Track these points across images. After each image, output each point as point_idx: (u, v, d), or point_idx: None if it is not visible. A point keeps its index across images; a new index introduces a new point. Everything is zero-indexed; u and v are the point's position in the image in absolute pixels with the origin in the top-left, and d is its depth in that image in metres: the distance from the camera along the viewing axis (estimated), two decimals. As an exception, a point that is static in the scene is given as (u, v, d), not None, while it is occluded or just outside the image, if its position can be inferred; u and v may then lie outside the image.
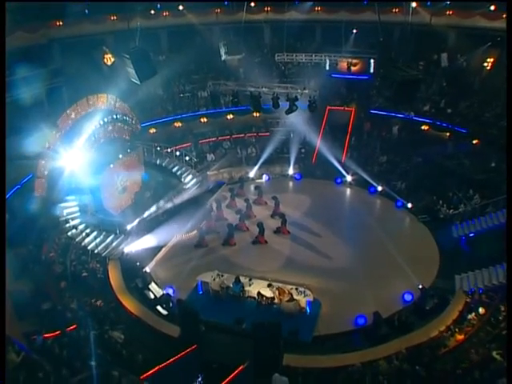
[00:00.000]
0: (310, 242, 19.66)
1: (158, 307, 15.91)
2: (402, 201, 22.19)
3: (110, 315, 14.77)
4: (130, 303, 15.82)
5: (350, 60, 25.42)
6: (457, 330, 14.21)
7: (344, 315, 15.42)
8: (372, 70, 27.17)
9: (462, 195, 20.95)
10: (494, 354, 12.02)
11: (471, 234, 18.90)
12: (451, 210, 20.56)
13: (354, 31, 28.91)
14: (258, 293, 15.64)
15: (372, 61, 26.95)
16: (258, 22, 30.96)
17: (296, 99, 17.67)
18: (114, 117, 21.93)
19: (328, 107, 27.58)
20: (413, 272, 17.15)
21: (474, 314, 14.60)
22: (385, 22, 26.34)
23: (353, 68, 27.70)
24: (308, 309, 15.43)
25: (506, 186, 13.49)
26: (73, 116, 19.99)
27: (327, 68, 27.84)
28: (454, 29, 26.80)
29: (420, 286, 16.18)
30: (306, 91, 17.79)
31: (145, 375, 10.85)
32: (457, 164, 22.48)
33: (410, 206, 21.82)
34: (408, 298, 16.12)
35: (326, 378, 12.48)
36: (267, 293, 15.56)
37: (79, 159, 19.53)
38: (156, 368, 11.42)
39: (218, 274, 16.35)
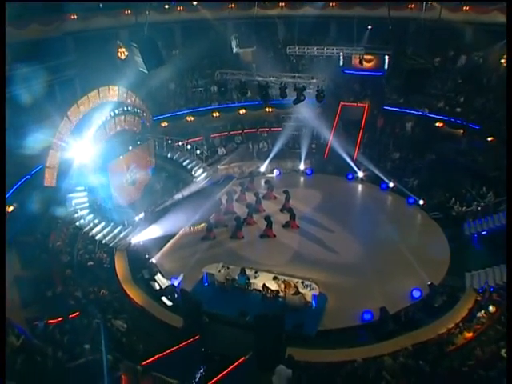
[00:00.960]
0: (319, 237, 19.44)
1: (163, 298, 15.85)
2: (414, 197, 21.83)
3: (114, 304, 14.73)
4: (134, 293, 15.78)
5: (364, 56, 25.00)
6: (465, 327, 13.88)
7: (350, 310, 15.19)
8: (386, 67, 26.83)
9: (476, 193, 20.50)
10: (503, 352, 11.69)
11: (484, 232, 18.47)
12: (464, 208, 20.14)
13: (369, 27, 28.51)
14: (263, 285, 15.48)
15: (387, 57, 26.61)
16: (272, 17, 30.79)
17: (304, 89, 17.47)
18: (125, 109, 21.98)
19: (341, 103, 27.34)
20: (422, 269, 16.85)
21: (483, 311, 14.23)
22: (400, 18, 26.05)
23: (367, 64, 27.44)
24: (314, 302, 15.21)
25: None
26: (83, 107, 20.03)
27: (341, 64, 27.60)
28: (471, 25, 26.25)
29: (429, 283, 15.85)
30: (314, 80, 17.55)
31: (145, 362, 10.74)
32: (471, 161, 22.05)
33: (421, 202, 21.48)
34: (416, 294, 15.81)
35: (328, 373, 12.22)
36: (272, 285, 15.38)
37: (89, 150, 19.63)
38: (156, 356, 11.29)
39: (224, 266, 16.24)
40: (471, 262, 17.06)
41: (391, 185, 23.05)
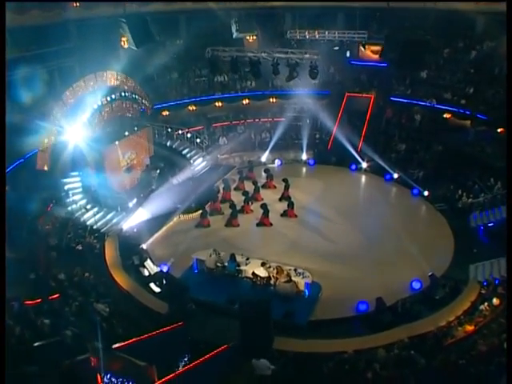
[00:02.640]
0: (317, 226, 18.78)
1: (151, 284, 15.28)
2: (419, 188, 21.05)
3: (99, 288, 14.21)
4: (121, 279, 15.25)
5: (366, 42, 24.21)
6: (466, 320, 13.08)
7: (346, 300, 14.48)
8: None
9: (484, 184, 19.63)
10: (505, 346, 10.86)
11: (490, 224, 17.60)
12: (470, 199, 19.28)
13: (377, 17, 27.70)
14: (253, 273, 14.79)
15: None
16: (277, 7, 30.08)
17: (296, 65, 16.71)
18: (123, 94, 21.54)
19: (347, 93, 26.63)
20: (424, 260, 16.07)
21: (486, 304, 13.40)
22: (408, 8, 25.24)
23: (374, 55, 26.80)
24: (306, 291, 14.48)
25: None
26: (79, 91, 19.70)
27: (347, 55, 26.99)
28: (483, 14, 25.34)
29: (430, 274, 15.07)
30: (307, 56, 16.78)
31: (118, 345, 10.10)
32: (478, 151, 21.14)
33: (426, 193, 20.70)
34: (416, 285, 15.03)
35: (316, 364, 11.49)
36: (261, 273, 14.67)
37: (84, 134, 19.27)
38: (132, 340, 10.66)
39: (215, 251, 15.54)
40: (476, 254, 16.22)
41: (395, 176, 22.29)
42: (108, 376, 9.12)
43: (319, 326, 13.62)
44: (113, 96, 20.95)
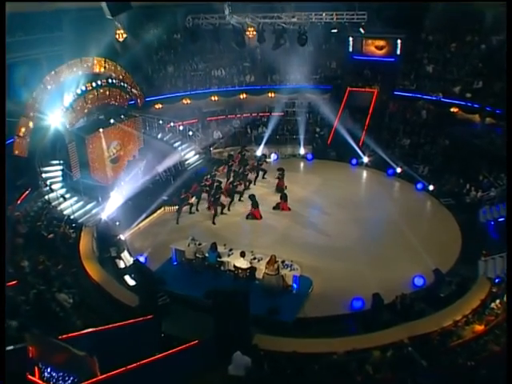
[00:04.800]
0: (311, 220, 17.44)
1: (126, 277, 13.91)
2: (423, 183, 19.62)
3: (65, 278, 12.84)
4: (93, 270, 13.90)
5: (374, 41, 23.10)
6: (476, 319, 11.57)
7: (339, 297, 12.95)
8: (399, 52, 24.94)
9: (494, 177, 18.16)
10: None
11: (501, 219, 16.08)
12: (479, 193, 17.82)
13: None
14: (234, 265, 13.36)
15: (399, 41, 24.74)
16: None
17: (284, 31, 15.35)
18: (110, 81, 20.44)
19: (349, 88, 25.43)
20: (429, 256, 14.57)
21: (498, 301, 11.87)
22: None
23: (379, 51, 25.72)
24: (295, 285, 13.01)
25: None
26: (61, 75, 18.64)
27: (350, 50, 25.84)
28: (492, 8, 24.07)
29: (434, 268, 13.57)
30: (295, 19, 15.40)
31: (66, 336, 8.70)
32: (487, 143, 19.70)
33: (431, 188, 19.26)
34: (419, 282, 13.51)
35: (300, 366, 9.98)
36: (242, 264, 13.21)
37: (66, 120, 18.21)
38: (87, 331, 9.27)
39: (193, 240, 14.14)
40: (486, 250, 14.64)
41: (398, 170, 20.90)
42: (48, 370, 7.77)
43: (307, 324, 12.15)
44: (98, 82, 19.87)
